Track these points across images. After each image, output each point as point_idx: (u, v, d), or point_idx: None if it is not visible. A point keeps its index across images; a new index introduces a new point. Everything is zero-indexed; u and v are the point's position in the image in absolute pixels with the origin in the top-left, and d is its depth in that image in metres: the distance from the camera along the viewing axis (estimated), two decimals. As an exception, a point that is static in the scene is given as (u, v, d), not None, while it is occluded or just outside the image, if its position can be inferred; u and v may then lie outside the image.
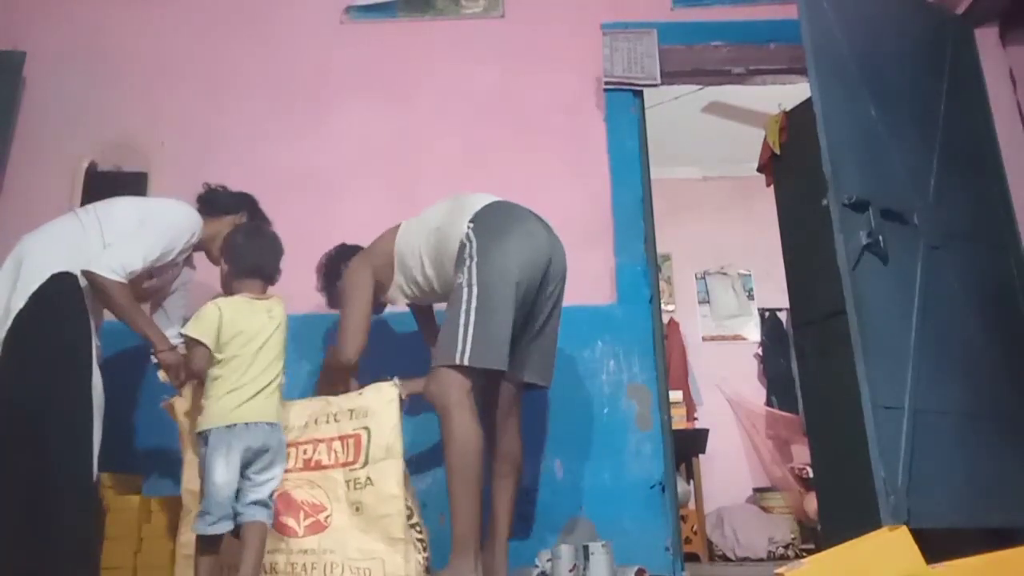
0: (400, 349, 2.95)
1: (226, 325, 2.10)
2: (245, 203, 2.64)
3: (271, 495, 2.06)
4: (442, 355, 2.23)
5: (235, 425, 2.03)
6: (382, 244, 2.61)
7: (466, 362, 2.19)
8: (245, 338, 2.11)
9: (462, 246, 2.34)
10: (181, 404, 2.27)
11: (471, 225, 2.35)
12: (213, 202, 2.59)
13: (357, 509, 2.10)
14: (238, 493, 2.02)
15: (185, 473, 2.26)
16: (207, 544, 2.01)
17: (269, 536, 2.06)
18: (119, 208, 2.44)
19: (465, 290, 2.26)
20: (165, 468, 2.69)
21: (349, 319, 2.50)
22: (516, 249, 2.32)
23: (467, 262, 2.29)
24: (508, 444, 2.46)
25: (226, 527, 2.00)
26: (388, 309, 2.80)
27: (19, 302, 2.21)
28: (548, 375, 2.51)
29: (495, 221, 2.37)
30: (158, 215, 2.42)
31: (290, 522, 2.11)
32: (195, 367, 2.15)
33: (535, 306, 2.40)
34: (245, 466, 2.03)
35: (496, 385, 2.39)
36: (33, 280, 2.23)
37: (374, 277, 2.56)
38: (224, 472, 1.99)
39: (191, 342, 2.14)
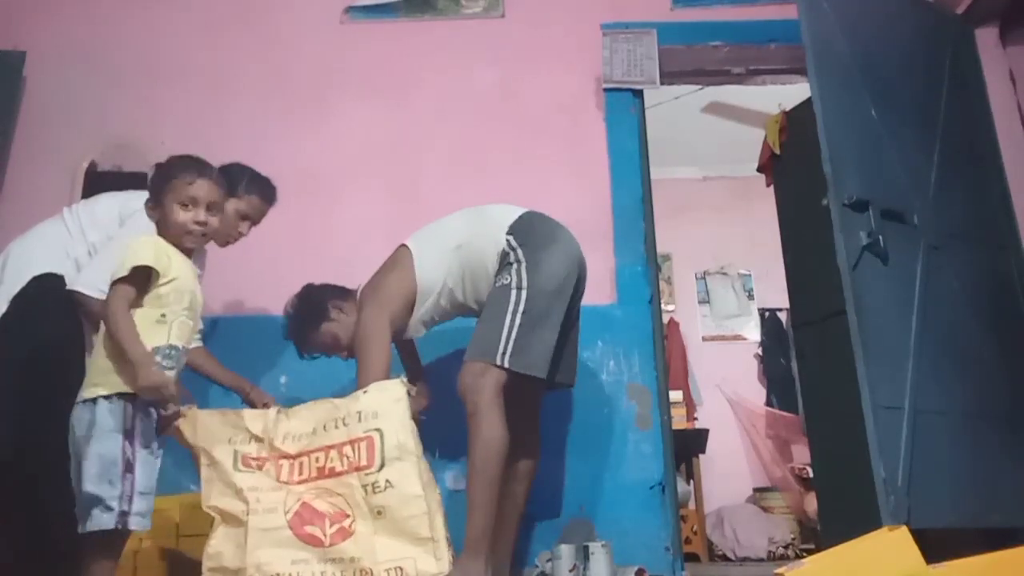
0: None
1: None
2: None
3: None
4: (481, 351, 2.23)
5: None
6: (398, 287, 2.43)
7: (506, 364, 2.20)
8: None
9: (504, 254, 2.34)
10: (186, 425, 2.09)
11: (510, 236, 2.36)
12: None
13: (379, 513, 2.01)
14: None
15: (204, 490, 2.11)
16: None
17: (292, 547, 1.97)
18: (101, 206, 2.37)
19: (514, 292, 2.26)
20: (164, 468, 2.67)
21: (370, 372, 2.30)
22: (565, 260, 2.36)
23: (514, 266, 2.30)
24: (528, 443, 2.45)
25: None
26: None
27: (1, 306, 2.19)
28: (575, 374, 2.55)
29: (538, 231, 2.39)
30: (140, 212, 2.19)
31: (316, 531, 2.02)
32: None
33: (568, 313, 2.41)
34: None
35: (523, 385, 2.35)
36: (14, 284, 2.21)
37: (392, 327, 2.40)
38: None
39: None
